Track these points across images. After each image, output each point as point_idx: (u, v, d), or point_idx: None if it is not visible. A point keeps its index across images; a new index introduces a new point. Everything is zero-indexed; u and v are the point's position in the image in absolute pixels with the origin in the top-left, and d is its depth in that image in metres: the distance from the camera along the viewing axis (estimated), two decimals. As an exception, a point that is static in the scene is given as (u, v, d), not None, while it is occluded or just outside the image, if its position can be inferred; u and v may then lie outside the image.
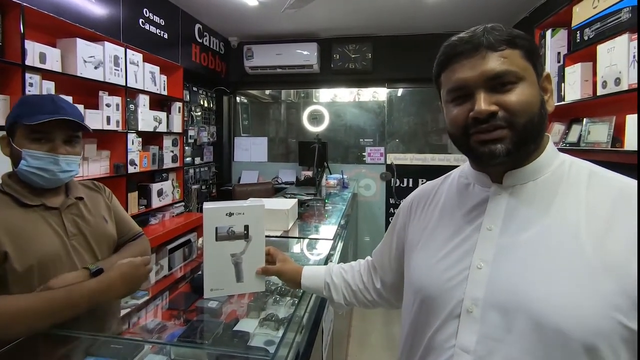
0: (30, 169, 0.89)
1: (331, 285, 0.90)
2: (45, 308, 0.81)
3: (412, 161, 3.91)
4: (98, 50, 2.19)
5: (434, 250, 0.63)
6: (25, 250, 0.87)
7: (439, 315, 0.59)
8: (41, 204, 0.93)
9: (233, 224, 0.91)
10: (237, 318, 1.16)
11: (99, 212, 1.06)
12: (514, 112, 0.53)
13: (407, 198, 0.79)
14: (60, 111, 0.91)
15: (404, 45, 3.79)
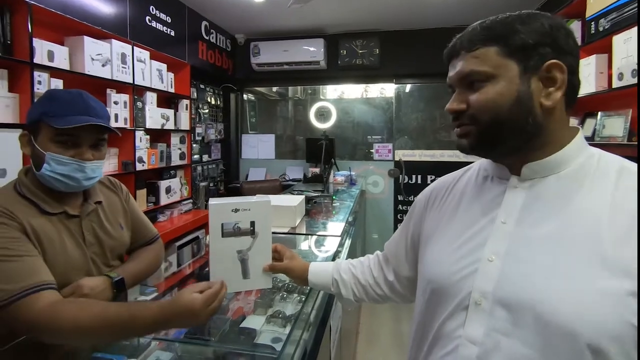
0: (54, 174, 0.83)
1: (339, 282, 0.89)
2: (103, 328, 0.75)
3: (421, 157, 3.87)
4: (105, 48, 2.20)
5: (447, 242, 0.64)
6: (52, 265, 0.83)
7: (448, 306, 0.59)
8: (63, 211, 0.88)
9: (239, 220, 0.89)
10: (244, 315, 1.15)
11: (115, 218, 1.03)
12: (477, 109, 0.56)
13: (426, 190, 0.79)
14: (91, 111, 0.85)
15: (412, 40, 3.74)
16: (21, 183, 0.87)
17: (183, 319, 0.74)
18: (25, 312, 0.74)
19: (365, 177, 3.91)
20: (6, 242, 0.78)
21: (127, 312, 0.76)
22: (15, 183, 0.88)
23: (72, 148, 0.85)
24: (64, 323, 0.74)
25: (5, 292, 0.74)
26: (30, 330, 0.76)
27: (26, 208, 0.84)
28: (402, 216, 3.92)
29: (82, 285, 0.88)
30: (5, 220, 0.79)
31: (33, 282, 0.76)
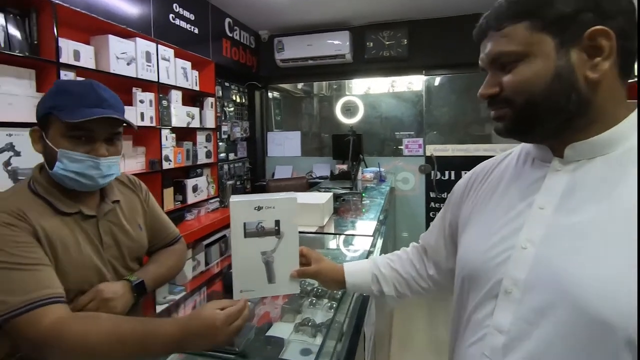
0: (67, 172, 0.77)
1: (380, 277, 0.83)
2: (115, 347, 0.68)
3: (454, 152, 3.64)
4: (130, 47, 2.19)
5: (482, 227, 0.62)
6: (66, 269, 0.78)
7: (479, 293, 0.58)
8: (78, 211, 0.82)
9: (263, 219, 0.80)
10: (270, 322, 1.05)
11: (134, 219, 0.96)
12: (511, 91, 0.53)
13: (465, 176, 0.76)
14: (103, 103, 0.79)
15: (442, 29, 3.52)
16: (35, 181, 0.81)
17: (202, 336, 0.67)
18: (30, 328, 0.67)
19: (394, 174, 3.73)
20: (13, 247, 0.71)
21: (142, 328, 0.69)
22: (29, 181, 0.82)
23: (85, 144, 0.78)
24: (72, 342, 0.66)
25: (7, 305, 0.67)
26: (35, 349, 0.68)
27: (40, 208, 0.78)
28: (434, 214, 3.70)
29: (101, 289, 0.81)
30: (16, 222, 0.73)
31: (39, 295, 0.69)
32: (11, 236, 0.71)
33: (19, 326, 0.67)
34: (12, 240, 0.71)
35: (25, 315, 0.67)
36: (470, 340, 0.58)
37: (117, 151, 0.85)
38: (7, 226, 0.72)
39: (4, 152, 1.49)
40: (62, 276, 0.76)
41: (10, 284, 0.68)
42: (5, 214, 0.73)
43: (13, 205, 0.75)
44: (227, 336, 0.68)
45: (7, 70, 1.58)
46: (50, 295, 0.70)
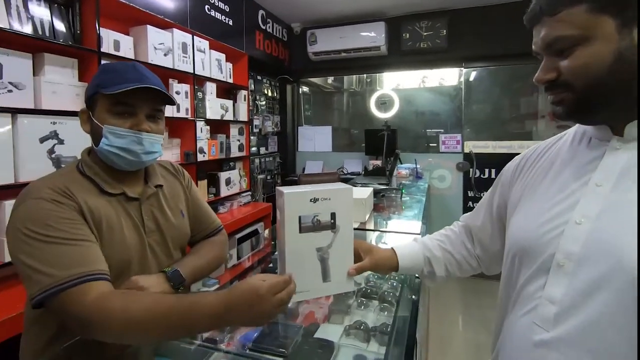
0: (112, 148, 0.79)
1: (432, 260, 0.84)
2: (157, 320, 0.65)
3: (495, 149, 3.42)
4: (167, 37, 2.18)
5: (535, 205, 0.64)
6: (108, 248, 0.77)
7: (530, 268, 0.60)
8: (122, 192, 0.83)
9: (318, 212, 0.73)
10: (316, 322, 0.97)
11: (176, 205, 0.95)
12: (570, 76, 0.53)
13: (515, 159, 0.77)
14: (145, 80, 0.79)
15: (485, 18, 3.32)
16: (83, 162, 0.83)
17: (246, 305, 0.63)
18: (75, 303, 0.66)
19: (430, 171, 3.57)
20: (59, 222, 0.71)
21: (184, 302, 0.66)
22: (78, 162, 0.84)
23: (128, 119, 0.80)
24: (114, 317, 0.64)
25: (55, 279, 0.66)
26: (79, 325, 0.66)
27: (86, 187, 0.79)
28: (472, 214, 3.52)
29: (137, 279, 0.79)
30: (62, 199, 0.74)
31: (85, 270, 0.68)
32: (57, 212, 0.71)
33: (65, 300, 0.66)
34: (57, 216, 0.71)
35: (71, 290, 0.66)
36: (520, 312, 0.60)
37: (159, 130, 0.85)
38: (53, 202, 0.72)
39: (48, 139, 1.50)
40: (105, 256, 0.76)
41: (56, 258, 0.68)
42: (51, 190, 0.73)
43: (60, 182, 0.76)
44: (272, 307, 0.63)
45: (52, 59, 1.59)
46: (95, 271, 0.69)
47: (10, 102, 1.39)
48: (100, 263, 0.72)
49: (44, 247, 0.68)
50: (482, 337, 2.41)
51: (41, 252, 0.68)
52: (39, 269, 0.66)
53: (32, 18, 1.53)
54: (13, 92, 1.41)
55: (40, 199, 0.72)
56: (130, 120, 0.80)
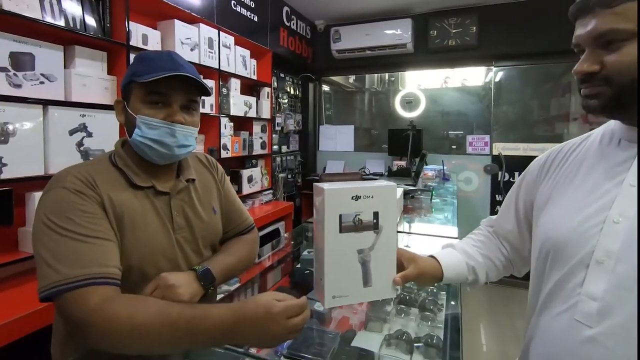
0: (145, 140, 0.75)
1: (477, 268, 0.82)
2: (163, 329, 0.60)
3: (526, 152, 3.27)
4: (194, 32, 2.16)
5: (566, 204, 0.64)
6: (131, 245, 0.73)
7: (565, 265, 0.61)
8: (151, 185, 0.79)
9: (360, 211, 0.67)
10: (352, 329, 0.91)
11: (209, 201, 0.91)
12: (615, 71, 0.53)
13: (538, 158, 0.78)
14: (180, 68, 0.75)
15: (518, 14, 3.17)
16: (116, 153, 0.80)
17: (256, 323, 0.59)
18: (78, 305, 0.61)
19: (456, 173, 3.44)
20: (79, 215, 0.68)
21: (191, 311, 0.62)
22: (111, 153, 0.81)
23: (162, 110, 0.76)
24: (118, 323, 0.60)
25: (61, 276, 0.62)
26: (80, 330, 0.62)
27: (113, 179, 0.76)
28: (500, 219, 3.37)
29: (165, 277, 0.74)
30: (86, 190, 0.71)
31: (95, 272, 0.64)
32: (79, 204, 0.68)
33: (68, 302, 0.62)
34: (78, 209, 0.68)
35: (75, 291, 0.62)
36: (557, 310, 0.61)
37: (194, 122, 0.81)
38: (75, 193, 0.69)
39: (77, 132, 1.49)
40: (126, 252, 0.72)
41: (68, 253, 0.64)
42: (76, 179, 0.71)
43: (86, 171, 0.73)
44: (283, 330, 0.60)
45: (82, 51, 1.58)
46: (104, 274, 0.65)
47: (41, 94, 1.39)
48: (112, 265, 0.67)
49: (58, 240, 0.65)
50: (510, 348, 2.29)
51: (55, 244, 0.65)
52: (50, 262, 0.64)
53: (64, 11, 1.53)
54: (45, 83, 1.41)
55: (64, 188, 0.69)
56: (164, 111, 0.76)
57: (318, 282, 0.71)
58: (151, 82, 0.72)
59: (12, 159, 1.28)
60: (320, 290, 0.70)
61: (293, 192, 3.65)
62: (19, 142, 1.30)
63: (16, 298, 1.23)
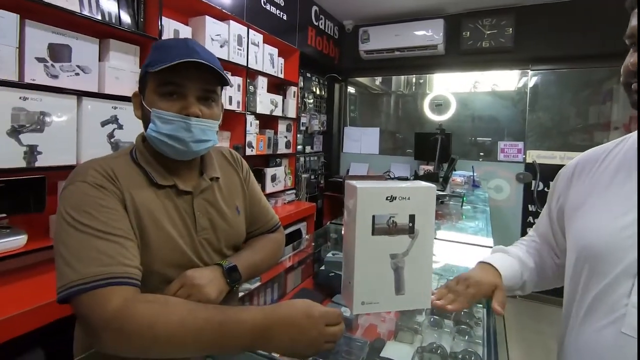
0: (159, 135, 0.70)
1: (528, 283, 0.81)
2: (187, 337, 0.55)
3: (564, 161, 3.09)
4: (224, 29, 2.17)
5: (604, 211, 0.62)
6: (150, 247, 0.69)
7: (607, 275, 0.58)
8: (173, 184, 0.74)
9: (395, 213, 0.62)
10: (381, 338, 0.85)
11: (232, 200, 0.86)
12: None
13: (569, 164, 0.76)
14: (194, 55, 0.69)
15: (558, 15, 3.02)
16: (137, 149, 0.76)
17: (293, 326, 0.55)
18: (95, 308, 0.56)
19: (486, 180, 3.29)
20: (101, 211, 0.64)
21: (219, 314, 0.57)
22: (132, 148, 0.77)
23: (177, 102, 0.70)
24: (139, 329, 0.55)
25: (79, 275, 0.58)
26: (95, 334, 0.56)
27: (134, 176, 0.72)
28: (532, 230, 3.20)
29: (191, 275, 0.71)
30: (107, 184, 0.67)
31: (114, 272, 0.59)
32: (99, 199, 0.65)
33: (85, 303, 0.57)
34: (98, 204, 0.64)
35: (93, 292, 0.57)
36: (601, 323, 0.57)
37: (212, 114, 0.74)
38: (96, 187, 0.66)
39: (109, 124, 1.51)
40: (146, 254, 0.68)
41: (86, 250, 0.60)
42: (96, 173, 0.68)
43: (107, 166, 0.70)
44: (320, 336, 0.55)
45: (117, 45, 1.61)
46: (123, 274, 0.60)
47: (76, 85, 1.41)
48: (132, 265, 0.63)
49: (77, 236, 0.61)
50: None
51: (74, 241, 0.61)
52: (68, 260, 0.60)
53: (101, 5, 1.55)
54: (80, 75, 1.43)
55: (84, 182, 0.66)
56: (180, 103, 0.70)
57: (346, 285, 0.66)
58: (165, 71, 0.67)
59: (46, 147, 1.30)
60: (348, 295, 0.65)
61: (315, 194, 3.62)
62: (54, 132, 1.33)
63: (45, 284, 1.25)
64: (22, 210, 1.29)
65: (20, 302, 1.11)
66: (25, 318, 1.08)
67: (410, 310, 0.92)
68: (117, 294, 0.57)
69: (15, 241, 1.24)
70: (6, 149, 1.20)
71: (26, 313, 1.08)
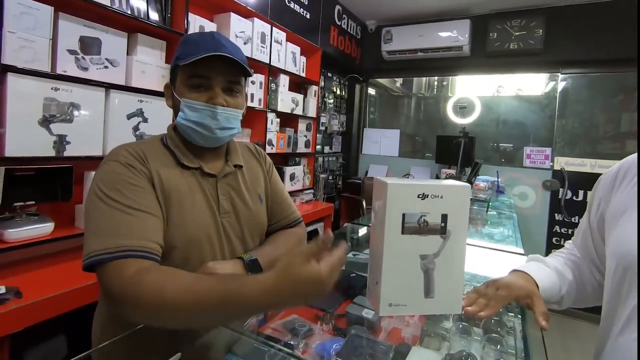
0: (188, 122, 0.75)
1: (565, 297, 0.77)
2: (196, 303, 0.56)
3: (594, 169, 2.95)
4: (248, 26, 2.17)
5: None
6: (176, 223, 0.72)
7: None
8: (199, 167, 0.79)
9: (426, 212, 0.59)
10: (406, 343, 0.81)
11: (255, 188, 0.89)
12: None
13: (611, 169, 0.73)
14: (221, 48, 0.73)
15: (591, 17, 2.90)
16: (168, 136, 0.81)
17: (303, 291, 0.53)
18: (115, 276, 0.60)
19: (510, 187, 3.18)
20: (129, 188, 0.68)
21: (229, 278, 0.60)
22: (163, 135, 0.83)
23: (205, 92, 0.75)
24: (149, 294, 0.57)
25: (103, 245, 0.62)
26: (114, 301, 0.61)
27: (163, 157, 0.77)
28: (557, 240, 3.06)
29: (212, 266, 0.72)
30: (136, 164, 0.71)
31: (135, 245, 0.63)
32: (128, 177, 0.69)
33: (106, 271, 0.61)
34: (126, 181, 0.68)
35: (113, 262, 0.61)
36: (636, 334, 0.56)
37: (237, 104, 0.79)
38: (126, 166, 0.70)
39: (134, 117, 1.53)
40: (171, 230, 0.71)
41: (112, 224, 0.64)
42: (127, 153, 0.72)
43: (138, 148, 0.75)
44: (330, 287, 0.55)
45: (144, 39, 1.63)
46: (144, 248, 0.64)
47: (105, 77, 1.43)
48: (152, 240, 0.66)
49: (104, 210, 0.65)
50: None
51: (101, 215, 0.65)
52: (94, 231, 0.64)
53: (130, 1, 1.58)
54: (108, 68, 1.45)
55: (116, 162, 0.70)
56: (207, 94, 0.75)
57: (373, 286, 0.63)
58: (192, 64, 0.71)
59: (75, 138, 1.33)
60: (374, 296, 0.62)
61: (332, 194, 3.59)
62: (82, 123, 1.35)
63: (69, 271, 1.27)
64: (50, 198, 1.32)
65: (44, 289, 1.13)
66: (49, 304, 1.10)
67: (436, 315, 0.88)
68: (132, 265, 0.61)
69: (42, 228, 1.26)
70: (37, 138, 1.23)
71: (50, 299, 1.10)
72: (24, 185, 1.24)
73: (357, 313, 0.89)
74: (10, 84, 1.16)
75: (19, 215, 1.26)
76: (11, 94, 1.16)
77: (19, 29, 1.17)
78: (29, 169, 1.25)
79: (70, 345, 1.27)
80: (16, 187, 1.21)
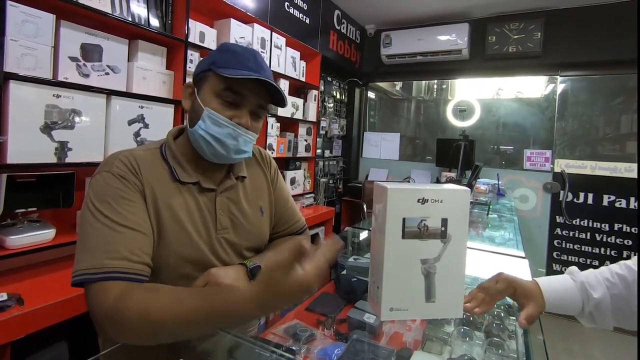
0: (205, 134, 0.71)
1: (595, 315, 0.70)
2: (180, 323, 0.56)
3: (594, 171, 2.95)
4: (248, 32, 2.19)
5: None
6: (168, 242, 0.70)
7: None
8: (196, 181, 0.75)
9: (427, 216, 0.60)
10: (407, 347, 0.81)
11: (256, 200, 0.86)
12: None
13: None
14: (262, 72, 0.71)
15: (590, 19, 2.92)
16: (167, 145, 0.77)
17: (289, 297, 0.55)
18: (98, 298, 0.59)
19: (511, 189, 3.18)
20: (120, 202, 0.66)
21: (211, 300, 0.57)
22: (162, 143, 0.78)
23: (231, 109, 0.72)
24: (130, 318, 0.56)
25: (89, 264, 0.60)
26: (98, 325, 0.60)
27: (159, 170, 0.73)
28: (559, 243, 3.06)
29: (214, 273, 0.71)
30: (129, 176, 0.69)
31: (119, 266, 0.61)
32: (120, 190, 0.67)
33: (89, 293, 0.60)
34: (118, 195, 0.66)
35: (96, 284, 0.59)
36: None
37: (257, 128, 0.76)
38: (118, 178, 0.68)
39: (135, 123, 1.53)
40: (162, 246, 0.69)
41: (99, 240, 0.62)
42: (121, 164, 0.69)
43: (133, 156, 0.71)
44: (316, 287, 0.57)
45: (145, 46, 1.64)
46: (126, 269, 0.61)
47: (106, 84, 1.44)
48: (139, 260, 0.63)
49: (94, 225, 0.63)
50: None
51: (91, 229, 0.63)
52: (84, 245, 0.63)
53: (131, 7, 1.59)
54: (109, 74, 1.46)
55: (109, 172, 0.68)
56: (233, 111, 0.72)
57: (374, 291, 0.64)
58: (232, 78, 0.68)
59: (76, 144, 1.33)
60: (375, 301, 0.62)
61: (333, 198, 3.59)
62: (83, 129, 1.36)
63: (70, 278, 1.27)
64: (51, 204, 1.32)
65: (46, 295, 1.13)
66: (50, 310, 1.10)
67: (438, 319, 0.88)
68: (115, 288, 0.59)
69: (44, 235, 1.26)
70: (39, 144, 1.24)
71: (52, 306, 1.10)
72: (26, 192, 1.24)
73: (358, 318, 0.89)
74: (13, 92, 1.16)
75: (20, 221, 1.26)
76: (13, 101, 1.17)
77: (21, 36, 1.18)
78: (30, 176, 1.25)
79: (72, 352, 1.27)
80: (18, 193, 1.22)
